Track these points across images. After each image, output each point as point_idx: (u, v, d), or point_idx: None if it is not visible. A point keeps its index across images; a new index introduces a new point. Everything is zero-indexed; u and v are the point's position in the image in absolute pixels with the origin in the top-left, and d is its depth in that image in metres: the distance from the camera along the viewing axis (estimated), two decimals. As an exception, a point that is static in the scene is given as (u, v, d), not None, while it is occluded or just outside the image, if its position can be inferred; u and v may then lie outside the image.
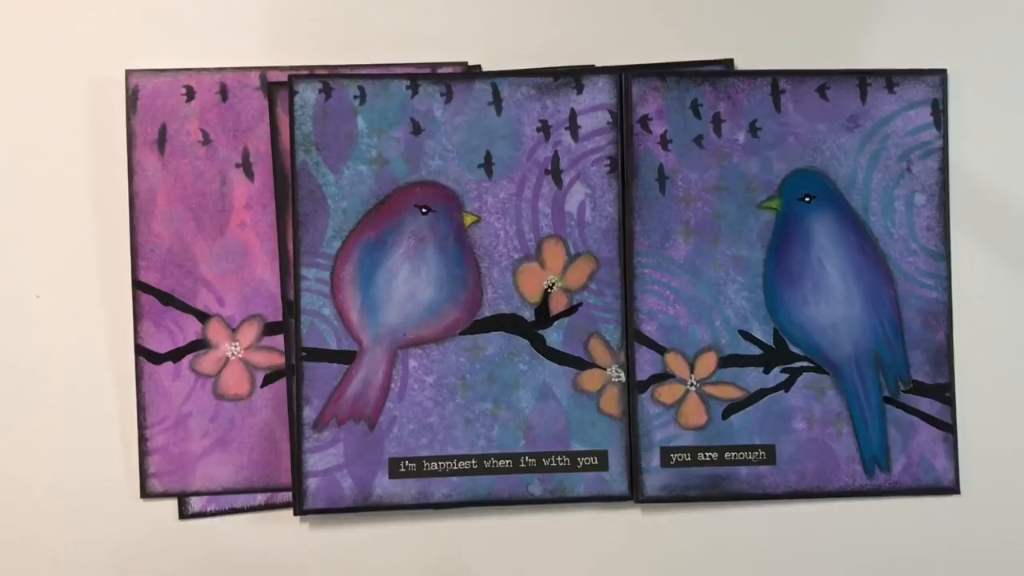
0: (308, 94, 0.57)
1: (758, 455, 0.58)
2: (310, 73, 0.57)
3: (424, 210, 0.57)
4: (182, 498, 0.57)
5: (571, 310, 0.58)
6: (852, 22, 0.60)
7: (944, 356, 0.58)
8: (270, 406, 0.58)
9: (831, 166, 0.58)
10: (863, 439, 0.58)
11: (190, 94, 0.58)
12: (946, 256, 0.59)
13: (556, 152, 0.58)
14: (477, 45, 0.59)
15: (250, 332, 0.58)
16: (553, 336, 0.58)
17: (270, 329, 0.58)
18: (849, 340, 0.58)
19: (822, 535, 0.58)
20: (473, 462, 0.57)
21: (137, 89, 0.57)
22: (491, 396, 0.57)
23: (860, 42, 0.60)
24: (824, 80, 0.58)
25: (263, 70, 0.58)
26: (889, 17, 0.60)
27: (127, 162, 0.57)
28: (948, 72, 0.59)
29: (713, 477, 0.57)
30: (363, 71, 0.58)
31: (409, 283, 0.57)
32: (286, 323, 0.57)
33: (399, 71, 0.58)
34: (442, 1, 0.59)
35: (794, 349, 0.58)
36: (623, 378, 0.58)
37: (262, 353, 0.58)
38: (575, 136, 0.58)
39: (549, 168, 0.58)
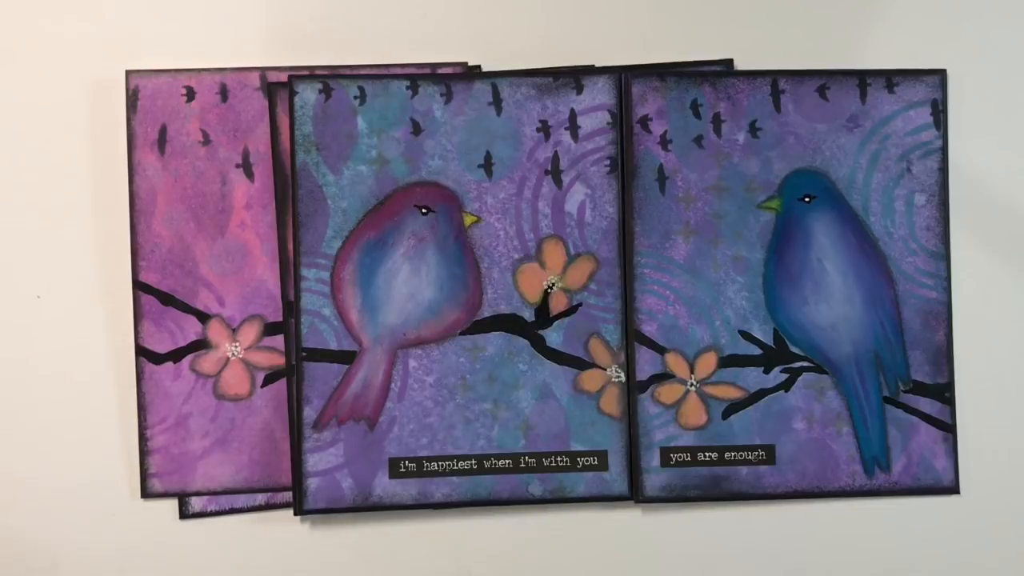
0: (308, 94, 0.57)
1: (758, 455, 0.58)
2: (310, 73, 0.57)
3: (424, 210, 0.57)
4: (182, 498, 0.57)
5: (571, 310, 0.58)
6: (852, 22, 0.60)
7: (944, 356, 0.58)
8: (270, 406, 0.58)
9: (831, 166, 0.58)
10: (863, 439, 0.58)
11: (190, 94, 0.58)
12: (946, 256, 0.59)
13: (556, 152, 0.58)
14: (477, 45, 0.59)
15: (250, 332, 0.58)
16: (553, 336, 0.58)
17: (270, 329, 0.58)
18: (849, 340, 0.58)
19: (822, 535, 0.58)
20: (473, 462, 0.57)
21: (137, 89, 0.57)
22: (491, 396, 0.57)
23: (860, 42, 0.60)
24: (824, 80, 0.58)
25: (263, 70, 0.58)
26: (889, 17, 0.60)
27: (127, 162, 0.57)
28: (948, 72, 0.59)
29: (713, 477, 0.57)
30: (363, 71, 0.58)
31: (409, 283, 0.57)
32: (286, 323, 0.57)
33: (399, 71, 0.58)
34: (442, 1, 0.59)
35: (794, 349, 0.58)
36: (623, 378, 0.58)
37: (262, 353, 0.58)
38: (575, 136, 0.58)
39: (549, 168, 0.58)
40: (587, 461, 0.57)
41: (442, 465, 0.57)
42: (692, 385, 0.58)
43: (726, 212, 0.58)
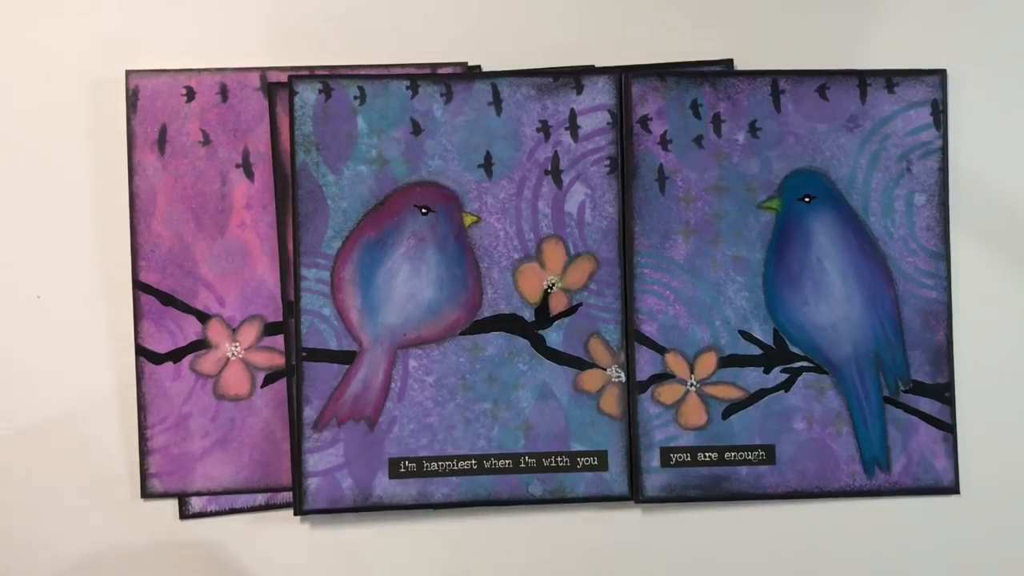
0: (308, 94, 0.57)
1: (758, 455, 0.58)
2: (310, 73, 0.57)
3: (424, 210, 0.57)
4: (182, 498, 0.57)
5: (571, 310, 0.58)
6: (852, 22, 0.60)
7: (944, 356, 0.58)
8: (270, 406, 0.58)
9: (831, 166, 0.58)
10: (863, 439, 0.58)
11: (190, 94, 0.58)
12: (946, 256, 0.59)
13: (556, 152, 0.58)
14: (477, 45, 0.59)
15: (250, 332, 0.58)
16: (553, 336, 0.58)
17: (270, 329, 0.58)
18: (849, 340, 0.58)
19: (822, 535, 0.58)
20: (473, 462, 0.57)
21: (137, 89, 0.57)
22: (491, 396, 0.57)
23: (860, 42, 0.60)
24: (824, 80, 0.58)
25: (263, 70, 0.58)
26: (889, 17, 0.60)
27: (127, 162, 0.57)
28: (948, 72, 0.59)
29: (713, 477, 0.57)
30: (363, 71, 0.58)
31: (409, 283, 0.57)
32: (286, 323, 0.57)
33: (399, 71, 0.58)
34: (442, 1, 0.59)
35: (794, 349, 0.58)
36: (623, 378, 0.58)
37: (262, 353, 0.58)
38: (575, 136, 0.58)
39: (549, 168, 0.58)
40: (587, 461, 0.57)
41: (442, 465, 0.57)
42: (692, 385, 0.58)
43: (726, 212, 0.58)
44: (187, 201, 0.58)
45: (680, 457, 0.57)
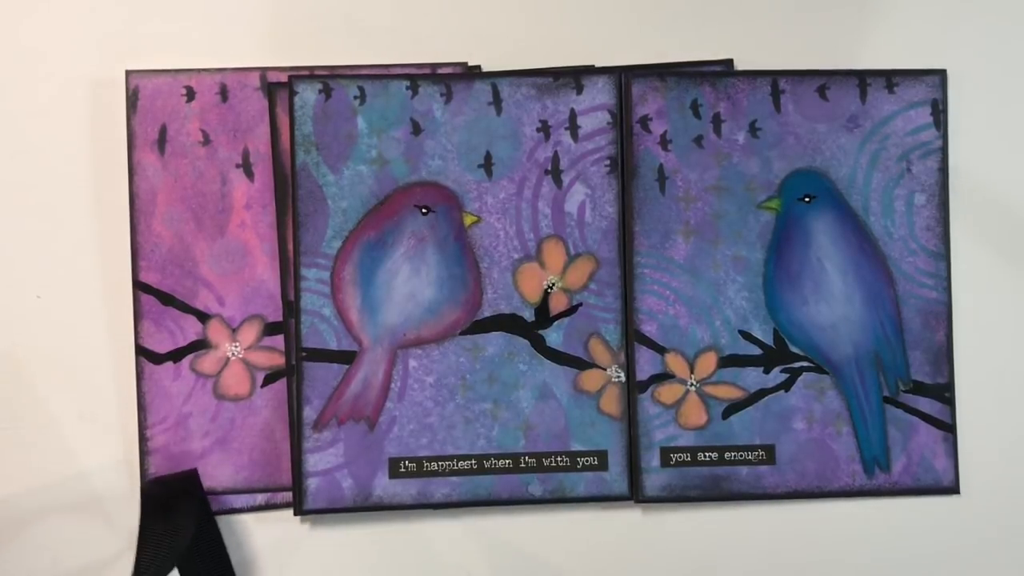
0: (308, 94, 0.57)
1: (758, 455, 0.58)
2: (310, 73, 0.57)
3: (424, 210, 0.57)
4: (182, 498, 0.57)
5: (571, 310, 0.58)
6: (852, 22, 0.60)
7: (944, 356, 0.58)
8: (270, 406, 0.58)
9: (831, 166, 0.58)
10: (863, 439, 0.58)
11: (190, 94, 0.58)
12: (946, 256, 0.59)
13: (556, 152, 0.58)
14: (477, 45, 0.59)
15: (250, 332, 0.58)
16: (553, 336, 0.58)
17: (270, 329, 0.58)
18: (849, 340, 0.58)
19: (822, 535, 0.58)
20: (473, 462, 0.57)
21: (137, 89, 0.57)
22: (491, 396, 0.57)
23: (860, 42, 0.60)
24: (824, 80, 0.58)
25: (263, 70, 0.58)
26: (889, 17, 0.60)
27: (127, 162, 0.57)
28: (948, 72, 0.59)
29: (713, 477, 0.57)
30: (363, 71, 0.58)
31: (409, 283, 0.57)
32: (286, 323, 0.57)
33: (399, 71, 0.58)
34: (442, 1, 0.59)
35: (794, 349, 0.58)
36: (623, 378, 0.58)
37: (262, 353, 0.58)
38: (575, 136, 0.58)
39: (549, 168, 0.58)
40: (587, 461, 0.57)
41: (442, 465, 0.57)
42: (692, 385, 0.58)
43: (726, 212, 0.58)
44: (187, 201, 0.58)
45: (680, 457, 0.57)
